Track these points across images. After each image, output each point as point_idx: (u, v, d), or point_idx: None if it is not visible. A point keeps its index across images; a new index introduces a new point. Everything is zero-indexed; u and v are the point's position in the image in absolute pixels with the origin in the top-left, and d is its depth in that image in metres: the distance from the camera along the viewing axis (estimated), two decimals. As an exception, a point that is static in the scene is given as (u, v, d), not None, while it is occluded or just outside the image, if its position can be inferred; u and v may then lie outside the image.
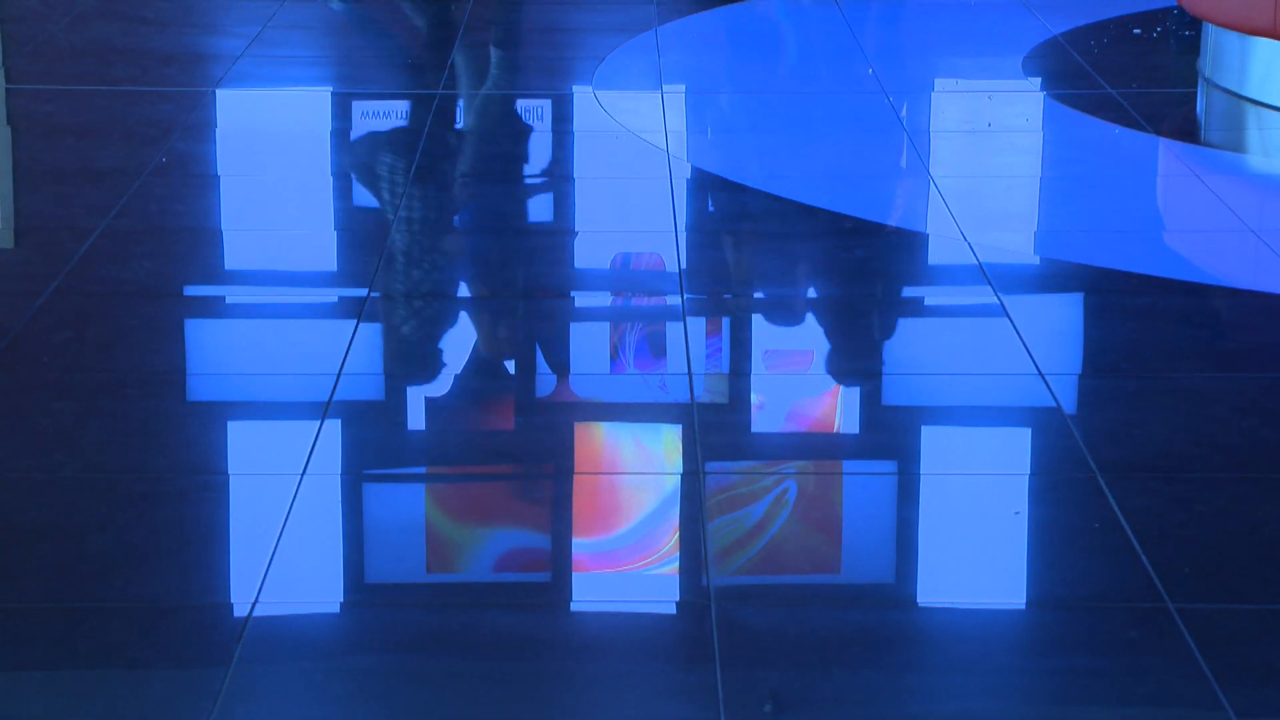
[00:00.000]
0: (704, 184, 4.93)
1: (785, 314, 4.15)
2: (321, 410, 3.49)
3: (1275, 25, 5.29)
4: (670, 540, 3.08)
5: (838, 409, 3.65)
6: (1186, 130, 5.53)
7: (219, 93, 5.70)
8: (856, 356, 3.87)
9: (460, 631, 2.81)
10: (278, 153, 5.16)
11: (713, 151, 5.21)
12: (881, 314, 4.13)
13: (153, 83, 5.79)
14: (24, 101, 5.61)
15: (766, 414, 3.60)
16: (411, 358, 3.83)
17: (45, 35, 6.27)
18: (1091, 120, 5.40)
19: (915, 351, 3.90)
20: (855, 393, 3.69)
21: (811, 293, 4.25)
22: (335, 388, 3.59)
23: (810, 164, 5.20)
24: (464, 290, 4.23)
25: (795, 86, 5.89)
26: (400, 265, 4.15)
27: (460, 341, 3.92)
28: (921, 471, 3.35)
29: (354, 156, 4.96)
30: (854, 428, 3.57)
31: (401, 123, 5.44)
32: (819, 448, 3.53)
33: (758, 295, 4.23)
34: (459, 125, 5.38)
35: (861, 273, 4.37)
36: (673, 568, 3.02)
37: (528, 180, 5.01)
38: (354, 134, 5.34)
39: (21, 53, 6.06)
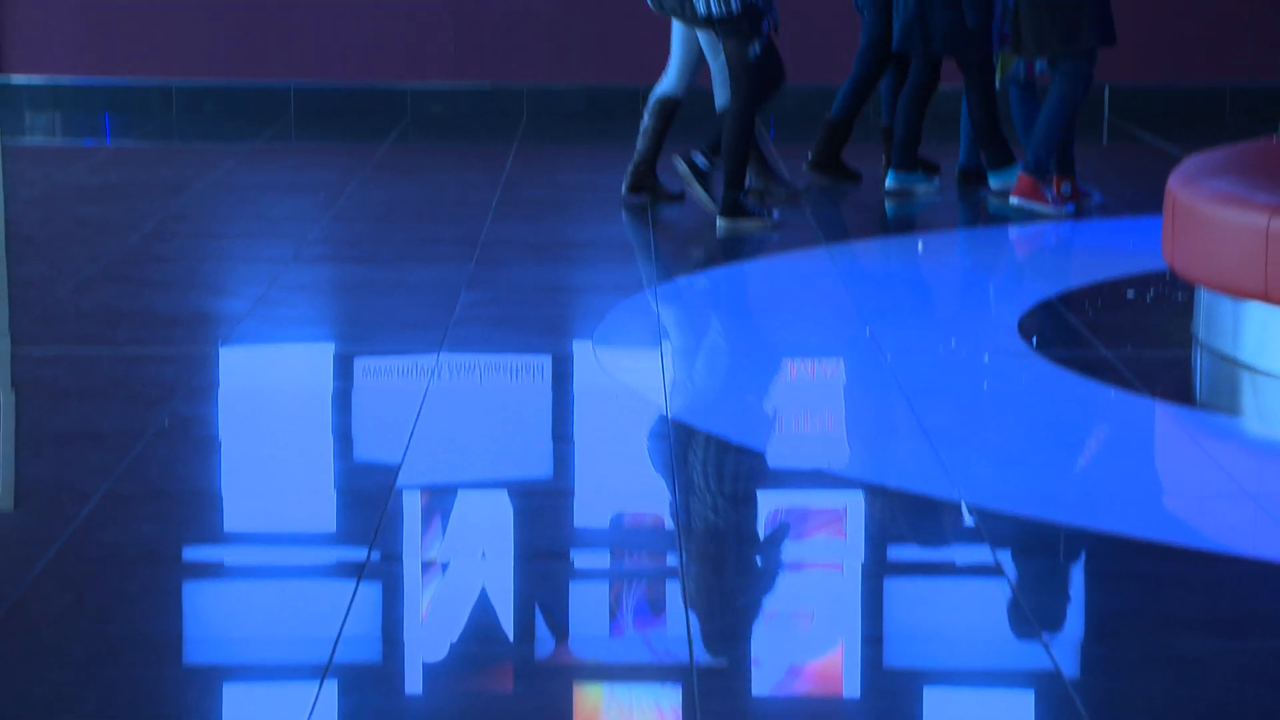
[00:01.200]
0: (702, 443, 4.96)
1: (783, 575, 4.14)
2: (320, 673, 3.48)
3: (1267, 289, 5.34)
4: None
5: (838, 672, 3.64)
6: (1181, 393, 5.57)
7: (223, 353, 5.76)
8: (856, 619, 3.86)
9: None
10: (280, 414, 5.19)
11: (710, 411, 5.25)
12: (880, 577, 4.12)
13: (157, 344, 5.84)
14: (29, 366, 5.66)
15: (766, 677, 3.59)
16: None
17: (53, 299, 6.34)
18: (1086, 382, 5.44)
19: (914, 615, 3.89)
20: (856, 656, 3.67)
21: (810, 555, 4.25)
22: (334, 651, 3.58)
23: (806, 424, 5.23)
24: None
25: (791, 346, 5.94)
26: None
27: (464, 606, 3.91)
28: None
29: None
30: (855, 692, 3.55)
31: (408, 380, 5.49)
32: (819, 713, 3.50)
33: (756, 557, 4.23)
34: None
35: (860, 535, 4.37)
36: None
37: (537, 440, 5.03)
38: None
39: (30, 316, 6.13)
